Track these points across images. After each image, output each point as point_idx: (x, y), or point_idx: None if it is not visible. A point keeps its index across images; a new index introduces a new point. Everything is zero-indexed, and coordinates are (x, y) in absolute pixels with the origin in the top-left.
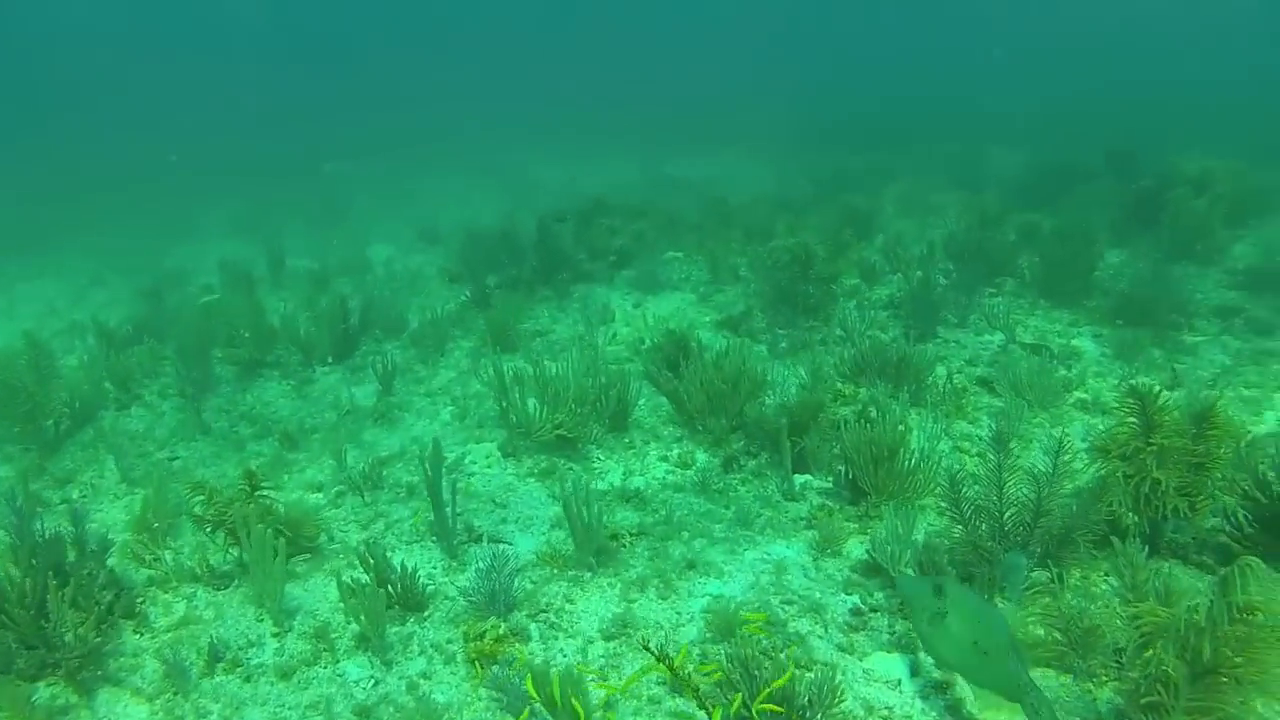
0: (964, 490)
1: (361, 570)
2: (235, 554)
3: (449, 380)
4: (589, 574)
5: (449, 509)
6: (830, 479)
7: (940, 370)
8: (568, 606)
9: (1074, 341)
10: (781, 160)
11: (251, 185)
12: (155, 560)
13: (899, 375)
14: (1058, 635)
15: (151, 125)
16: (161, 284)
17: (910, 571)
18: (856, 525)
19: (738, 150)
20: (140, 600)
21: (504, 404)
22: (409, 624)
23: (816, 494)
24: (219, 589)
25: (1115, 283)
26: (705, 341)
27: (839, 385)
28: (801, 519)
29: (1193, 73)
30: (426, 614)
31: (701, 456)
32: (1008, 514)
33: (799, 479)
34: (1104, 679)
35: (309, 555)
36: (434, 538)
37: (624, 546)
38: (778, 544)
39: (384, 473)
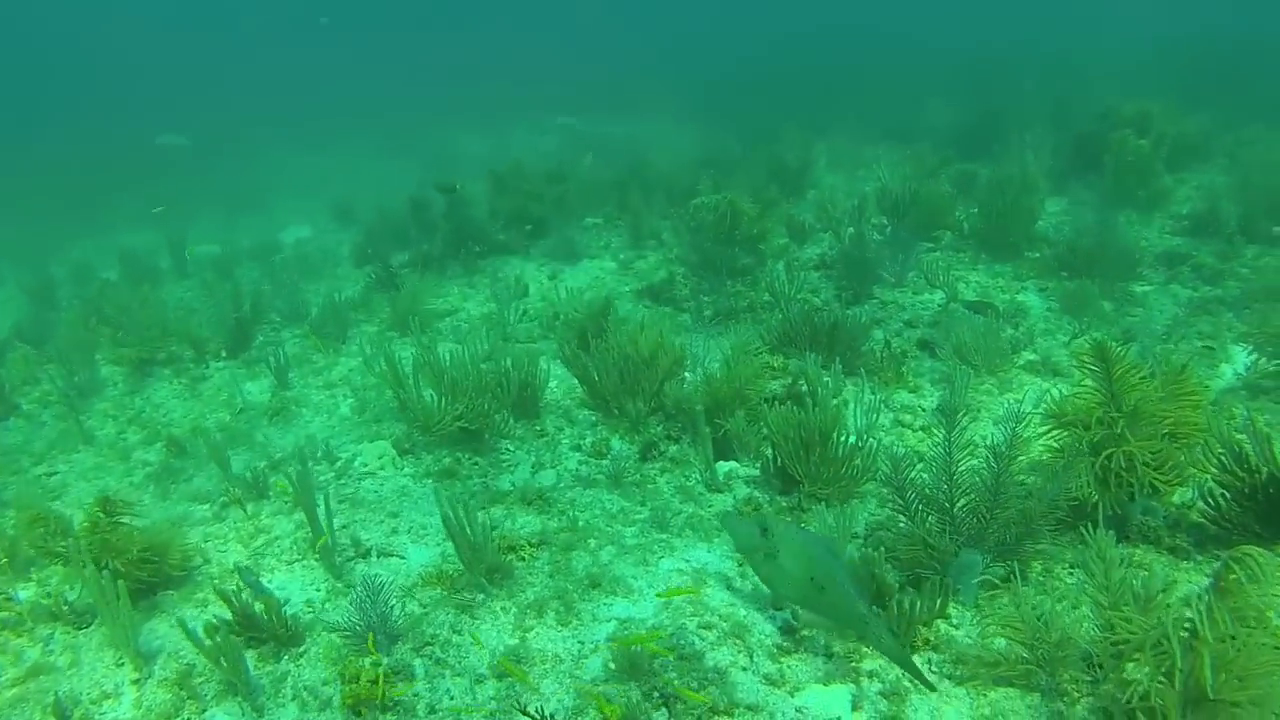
0: (909, 474)
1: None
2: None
3: (350, 370)
4: (481, 596)
5: (325, 522)
6: (758, 465)
7: (877, 335)
8: (455, 638)
9: (1019, 297)
10: (707, 120)
11: (164, 170)
12: (7, 600)
13: (831, 343)
14: (1022, 652)
15: (51, 106)
16: (57, 280)
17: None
18: (789, 520)
19: (662, 113)
20: None
21: (400, 396)
22: (283, 661)
23: (743, 483)
24: (80, 628)
25: (1058, 233)
26: (625, 313)
27: (766, 357)
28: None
29: (1116, 23)
30: (302, 649)
31: (617, 443)
32: (960, 503)
33: (723, 466)
34: (1076, 696)
35: (178, 583)
36: (316, 556)
37: (523, 560)
38: (698, 548)
39: (272, 479)
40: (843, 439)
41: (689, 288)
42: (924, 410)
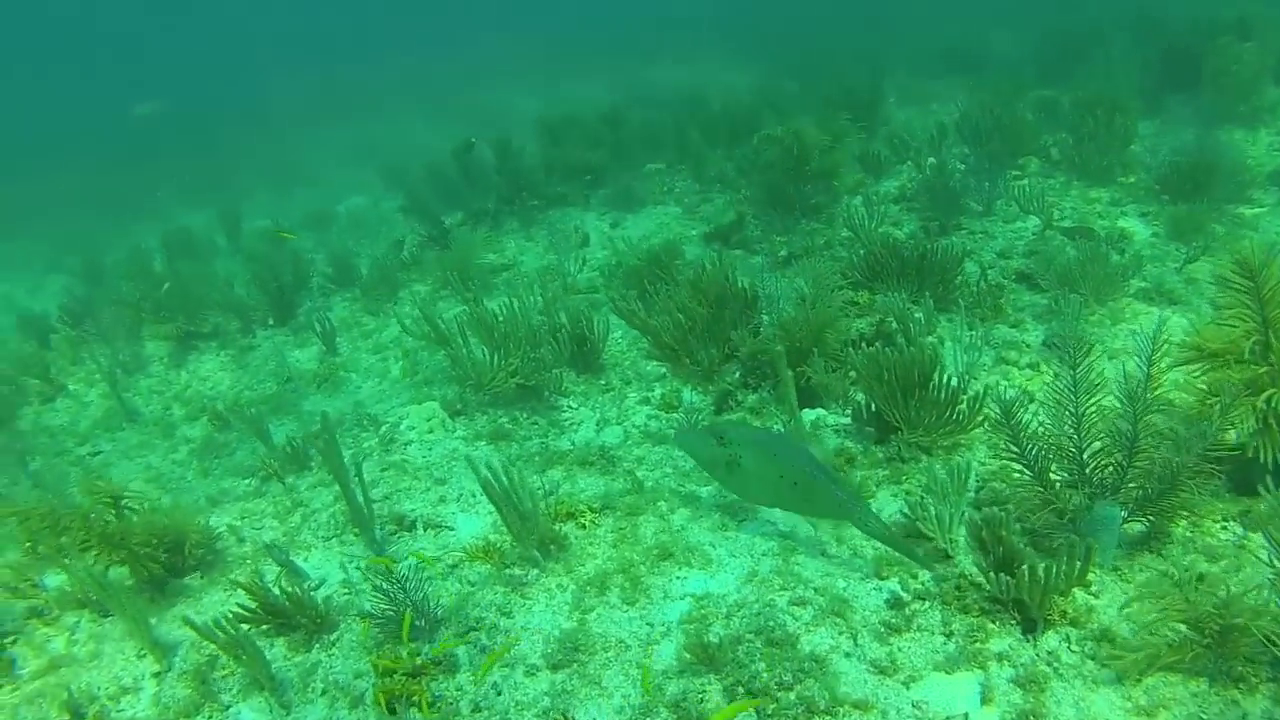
0: (1022, 418)
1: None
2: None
3: (400, 332)
4: (535, 571)
5: (363, 496)
6: (848, 412)
7: (970, 266)
8: (504, 621)
9: (1119, 223)
10: (757, 64)
11: (218, 148)
12: (33, 587)
13: (920, 275)
14: (1185, 630)
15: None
16: (113, 264)
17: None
18: (887, 472)
19: (717, 57)
20: (11, 640)
21: (450, 354)
22: (314, 650)
23: (833, 433)
24: (105, 616)
25: (1153, 155)
26: (693, 257)
27: (850, 294)
28: None
29: None
30: (335, 636)
31: (689, 395)
32: (1089, 448)
33: (809, 415)
34: (1254, 682)
35: (208, 566)
36: (356, 530)
37: (583, 528)
38: None
39: (312, 450)
40: (945, 380)
41: (759, 228)
42: (1029, 346)
